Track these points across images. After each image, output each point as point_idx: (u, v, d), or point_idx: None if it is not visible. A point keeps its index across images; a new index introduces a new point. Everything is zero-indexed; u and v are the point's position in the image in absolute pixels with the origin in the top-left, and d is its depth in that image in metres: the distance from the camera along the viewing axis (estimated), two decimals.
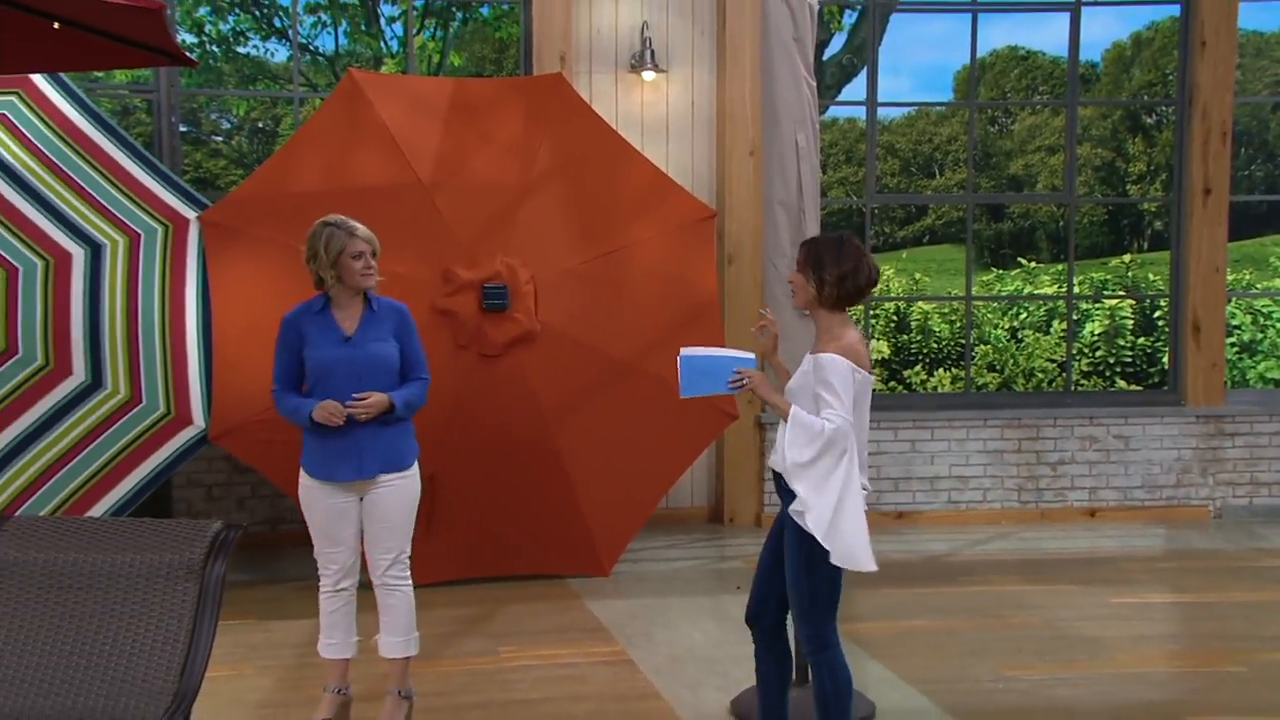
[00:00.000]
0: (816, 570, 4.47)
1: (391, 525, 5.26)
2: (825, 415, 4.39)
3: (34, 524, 4.03)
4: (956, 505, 9.70)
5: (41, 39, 4.51)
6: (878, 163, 10.16)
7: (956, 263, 16.53)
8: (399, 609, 5.32)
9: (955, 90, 14.30)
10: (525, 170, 7.82)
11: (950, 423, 9.72)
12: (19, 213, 7.03)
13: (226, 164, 11.40)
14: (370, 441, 5.16)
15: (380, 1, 10.84)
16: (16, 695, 3.70)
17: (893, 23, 11.15)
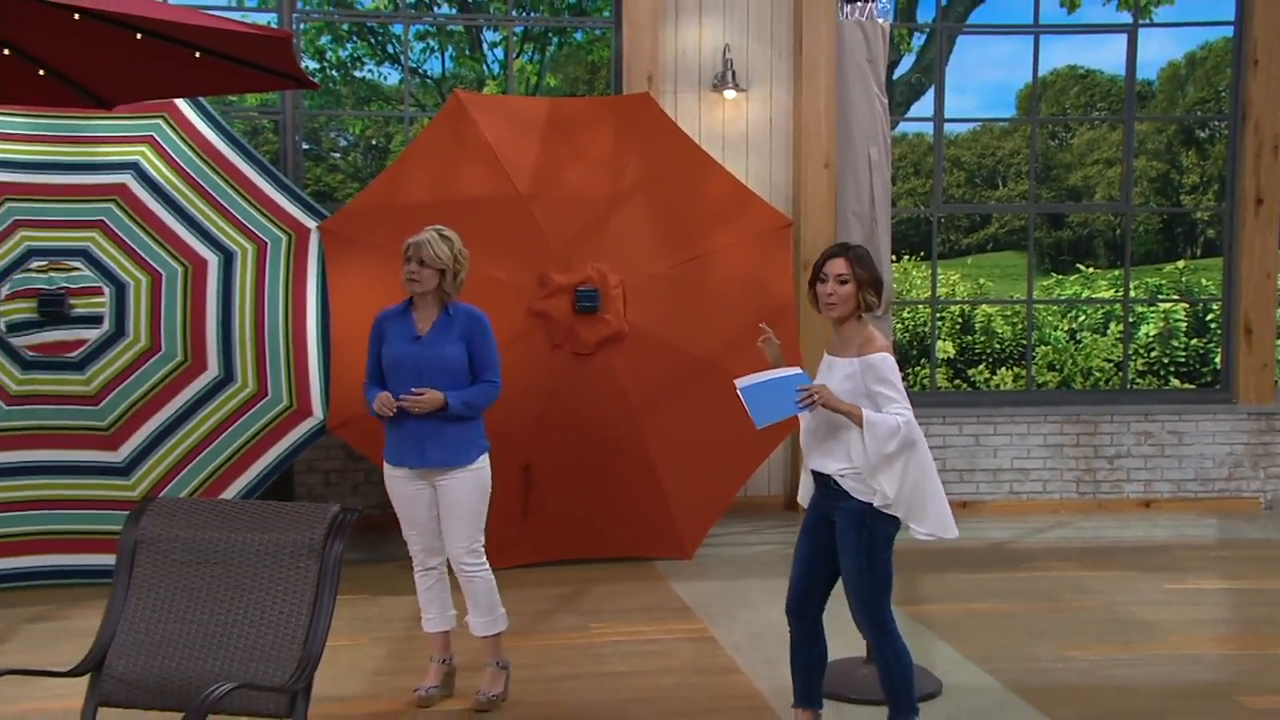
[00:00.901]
0: (876, 563, 4.45)
1: (459, 516, 5.24)
2: (894, 411, 4.36)
3: (176, 504, 4.10)
4: (1018, 496, 9.62)
5: (185, 67, 4.60)
6: (944, 175, 10.09)
7: (1018, 268, 16.33)
8: (479, 592, 5.30)
9: (1018, 107, 14.14)
10: (615, 182, 7.85)
11: (1012, 418, 9.63)
12: (162, 223, 7.18)
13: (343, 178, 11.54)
14: (432, 435, 5.16)
15: (483, 28, 10.90)
16: (162, 657, 3.79)
17: (959, 44, 11.07)
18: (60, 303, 6.92)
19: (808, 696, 4.76)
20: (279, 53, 4.54)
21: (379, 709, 5.25)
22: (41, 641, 6.17)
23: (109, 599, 3.89)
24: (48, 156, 7.24)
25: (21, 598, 6.85)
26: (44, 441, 6.92)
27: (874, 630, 4.52)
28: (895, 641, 4.52)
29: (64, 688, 3.82)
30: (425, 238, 5.19)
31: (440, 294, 5.23)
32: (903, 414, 4.36)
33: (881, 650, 4.54)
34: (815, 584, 4.68)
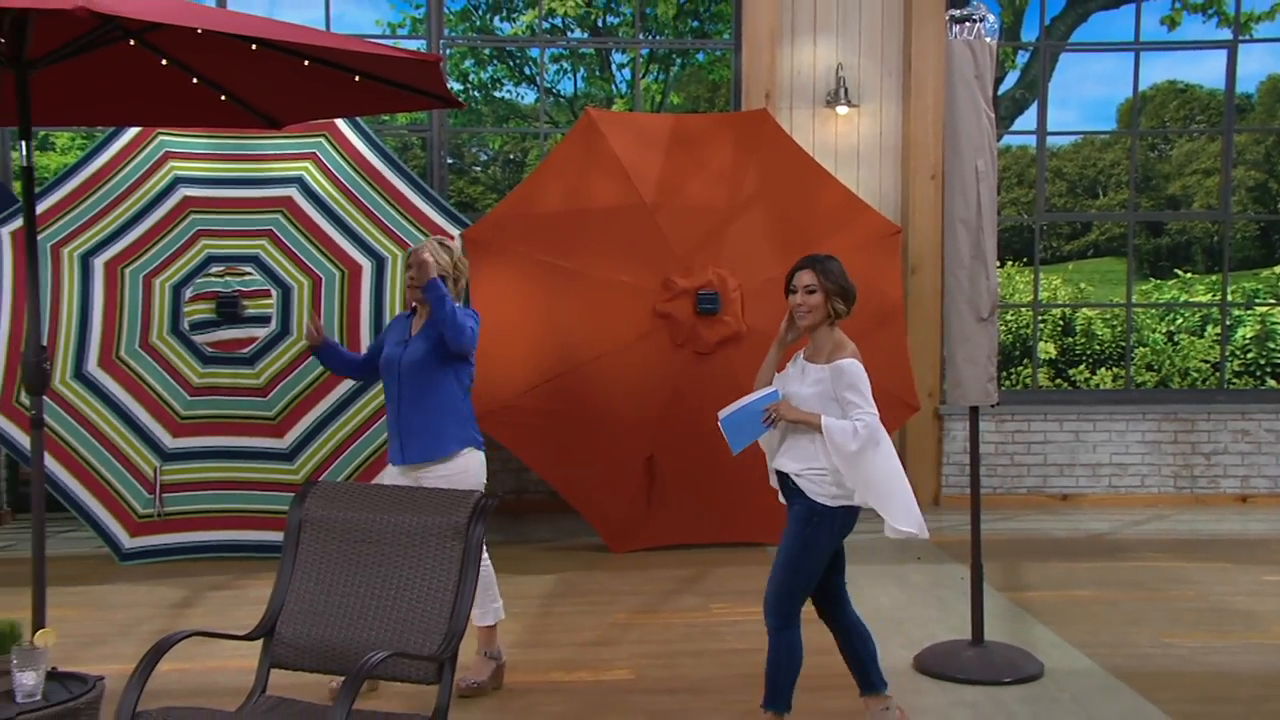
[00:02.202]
0: (806, 561, 4.39)
1: None
2: (856, 416, 4.30)
3: (335, 488, 4.19)
4: (1116, 490, 9.40)
5: (346, 89, 4.70)
6: (1046, 185, 9.90)
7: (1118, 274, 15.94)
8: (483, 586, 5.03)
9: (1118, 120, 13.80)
10: (734, 193, 7.84)
11: (1111, 415, 9.42)
12: (323, 232, 7.34)
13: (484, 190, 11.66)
14: (409, 430, 4.99)
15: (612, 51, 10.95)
16: (325, 626, 3.87)
17: (1062, 62, 10.84)
18: (235, 304, 7.12)
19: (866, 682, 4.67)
20: (430, 75, 4.61)
21: (516, 679, 5.30)
22: (220, 607, 6.35)
23: (278, 572, 3.99)
24: (225, 173, 7.45)
25: (203, 568, 7.07)
26: (221, 429, 7.12)
27: (779, 620, 4.42)
28: (794, 636, 4.44)
29: (241, 649, 3.92)
30: (429, 248, 5.02)
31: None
32: (864, 418, 4.29)
33: (778, 643, 4.43)
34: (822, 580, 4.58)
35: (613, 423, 7.43)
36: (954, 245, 5.41)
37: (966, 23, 5.29)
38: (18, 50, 4.15)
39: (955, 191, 5.41)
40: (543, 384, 7.41)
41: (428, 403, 4.99)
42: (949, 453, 9.31)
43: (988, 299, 5.34)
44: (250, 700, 3.83)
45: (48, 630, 3.86)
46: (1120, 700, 5.04)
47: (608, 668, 5.46)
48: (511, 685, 5.21)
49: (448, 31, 9.47)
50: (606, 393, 7.43)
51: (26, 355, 4.31)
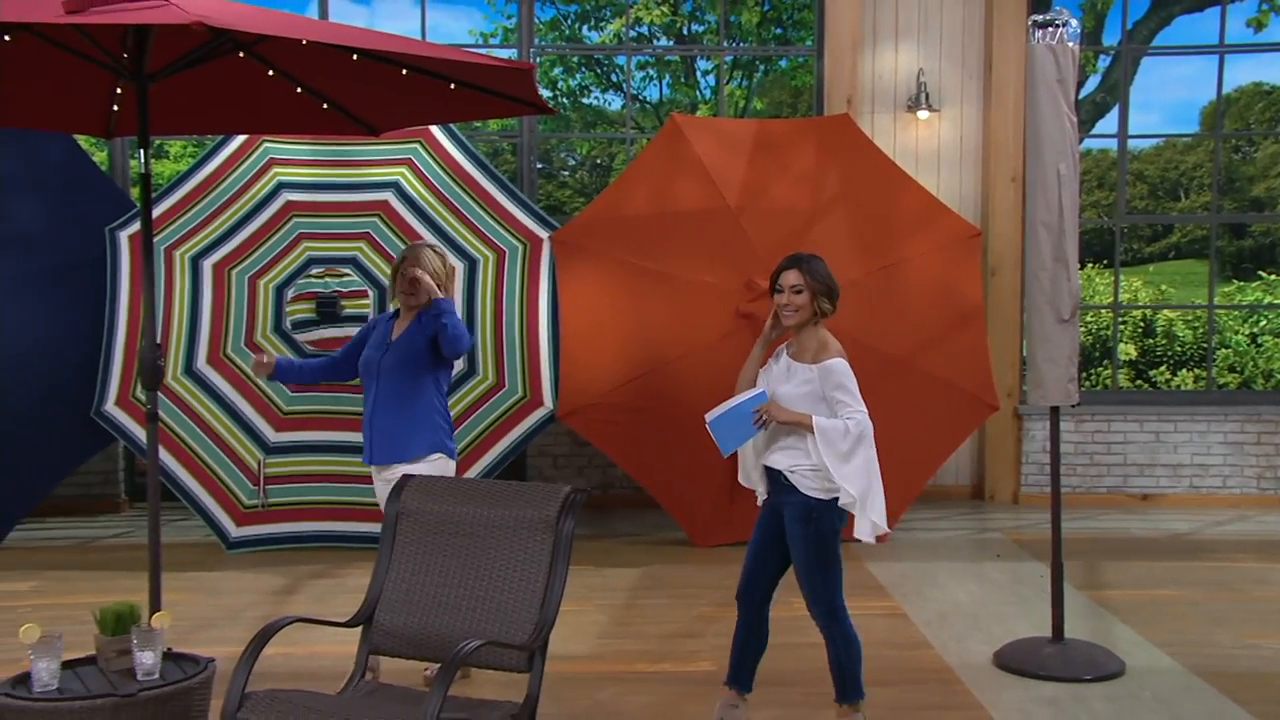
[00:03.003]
0: (824, 554, 4.35)
1: None
2: (846, 415, 4.28)
3: (431, 482, 4.24)
4: (1197, 490, 9.21)
5: (441, 97, 4.76)
6: (1127, 188, 9.73)
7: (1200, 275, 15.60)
8: None
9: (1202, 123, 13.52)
10: (816, 196, 7.81)
11: (1192, 416, 9.23)
12: (418, 235, 7.42)
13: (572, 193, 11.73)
14: (378, 430, 4.93)
15: (697, 58, 10.96)
16: (420, 614, 3.93)
17: (1144, 65, 10.64)
18: (334, 304, 7.24)
19: (737, 677, 4.64)
20: (522, 83, 4.65)
21: (603, 669, 5.34)
22: (320, 595, 6.47)
23: (376, 562, 4.06)
24: (325, 178, 7.58)
25: (303, 557, 7.19)
26: (319, 424, 7.25)
27: (826, 617, 4.40)
28: (846, 628, 4.42)
29: (342, 635, 3.99)
30: (425, 252, 4.96)
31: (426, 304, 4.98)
32: (855, 416, 4.27)
33: (832, 636, 4.42)
34: (762, 573, 4.56)
35: (697, 420, 7.36)
36: (1035, 247, 5.34)
37: (1049, 28, 5.23)
38: (138, 64, 4.27)
39: (1037, 194, 5.35)
40: (629, 382, 7.43)
41: (403, 408, 4.92)
42: (1028, 452, 9.19)
43: (1069, 300, 5.27)
44: (350, 684, 3.90)
45: (164, 613, 3.97)
46: (1204, 700, 4.94)
47: (692, 659, 5.48)
48: (598, 675, 5.25)
49: (538, 40, 9.55)
50: (691, 390, 7.42)
51: (142, 352, 4.43)
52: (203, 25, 3.46)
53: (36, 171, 7.76)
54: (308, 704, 3.55)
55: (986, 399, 7.86)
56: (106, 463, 8.77)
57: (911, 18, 9.12)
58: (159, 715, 3.61)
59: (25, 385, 7.43)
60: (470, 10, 11.05)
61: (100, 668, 3.81)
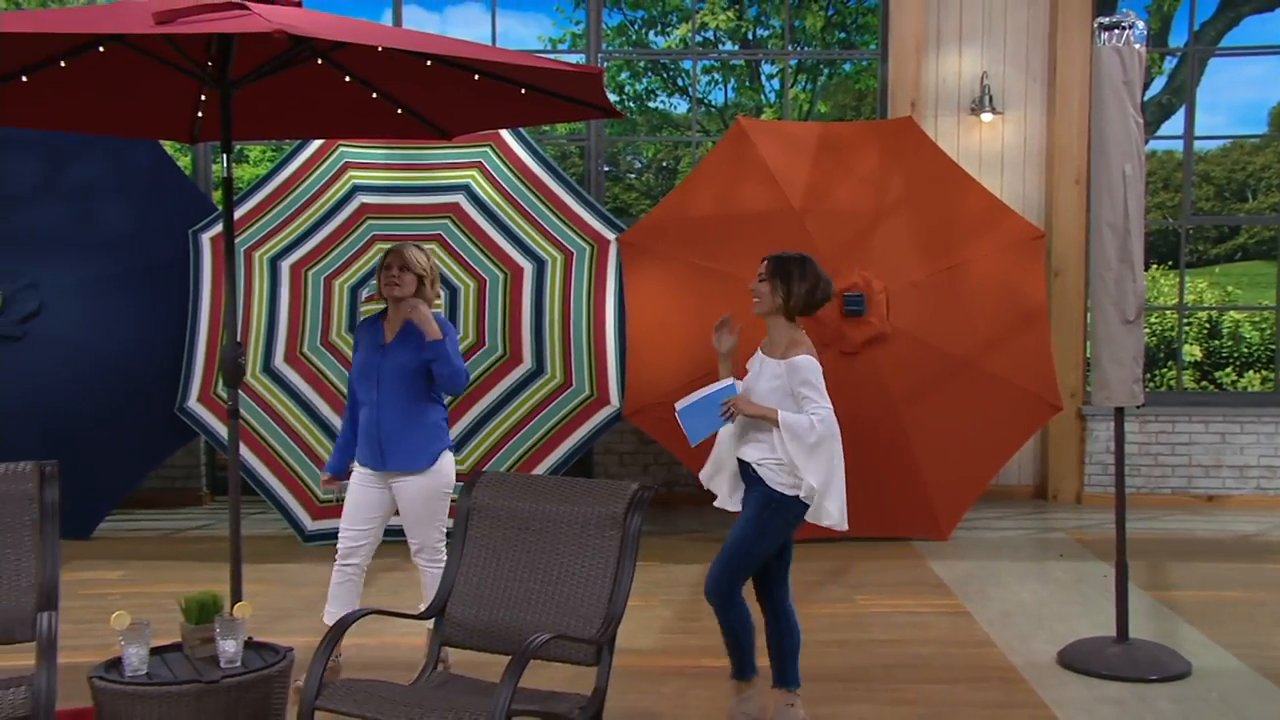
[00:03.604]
0: (759, 544, 4.33)
1: (418, 519, 4.83)
2: (811, 410, 4.28)
3: (501, 478, 4.27)
4: (1264, 491, 9.02)
5: (512, 101, 4.78)
6: (1193, 189, 9.56)
7: (1267, 277, 15.25)
8: (431, 585, 4.79)
9: (1270, 124, 13.19)
10: (880, 198, 7.75)
11: (1259, 418, 9.05)
12: (487, 236, 7.48)
13: (638, 196, 11.73)
14: (391, 438, 4.75)
15: (761, 62, 10.93)
16: (491, 608, 3.96)
17: (1211, 66, 10.43)
18: None
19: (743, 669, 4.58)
20: (591, 87, 4.65)
21: (668, 663, 5.34)
22: (393, 587, 6.52)
23: (448, 556, 4.09)
24: (399, 181, 7.65)
25: (378, 550, 7.18)
26: None
27: (722, 600, 4.39)
28: (742, 610, 4.43)
29: (415, 627, 4.04)
30: (410, 247, 4.81)
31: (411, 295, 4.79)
32: (819, 412, 4.28)
33: (729, 620, 4.42)
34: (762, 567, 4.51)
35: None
36: (1100, 249, 5.26)
37: (1115, 30, 5.15)
38: (222, 72, 4.33)
39: (1102, 196, 5.27)
40: (693, 381, 7.38)
41: (410, 412, 4.77)
42: (1091, 452, 9.06)
43: (1134, 301, 5.19)
44: (423, 675, 3.93)
45: (245, 603, 4.02)
46: (1273, 702, 4.83)
47: (756, 655, 5.45)
48: (663, 669, 5.24)
49: (605, 45, 9.57)
50: None
51: (224, 351, 4.49)
52: (284, 33, 3.51)
53: (124, 177, 7.91)
54: (382, 693, 3.59)
55: (1050, 399, 7.76)
56: (189, 457, 8.92)
57: (975, 21, 9.03)
58: (240, 702, 3.66)
59: (113, 383, 7.58)
60: (539, 16, 11.08)
61: (185, 654, 3.87)
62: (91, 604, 6.13)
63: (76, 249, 7.73)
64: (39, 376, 7.47)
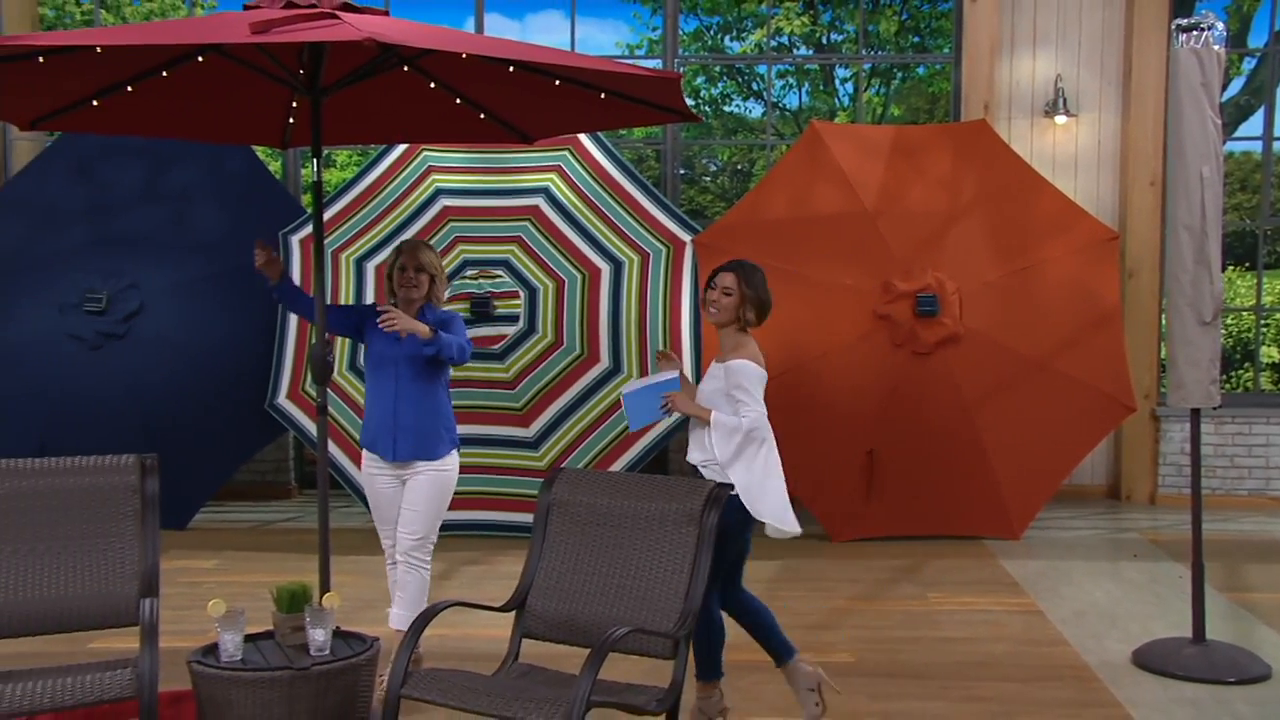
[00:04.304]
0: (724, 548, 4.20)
1: (418, 511, 4.76)
2: (742, 413, 4.29)
3: (579, 474, 4.28)
4: None
5: (591, 106, 4.79)
6: (1272, 190, 9.32)
7: None
8: (412, 585, 4.77)
9: None
10: (953, 200, 7.67)
11: None
12: (566, 238, 7.50)
13: (713, 198, 11.69)
14: (405, 428, 4.71)
15: (835, 66, 10.85)
16: (570, 601, 3.97)
17: None
18: (487, 304, 7.34)
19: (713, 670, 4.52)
20: (670, 92, 4.64)
21: (743, 658, 5.28)
22: (473, 581, 6.57)
23: (529, 550, 4.10)
24: (480, 184, 7.70)
25: (458, 544, 7.28)
26: (474, 418, 7.35)
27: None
28: (714, 614, 4.40)
29: (495, 620, 4.04)
30: (423, 249, 4.82)
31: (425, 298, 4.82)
32: (749, 415, 4.29)
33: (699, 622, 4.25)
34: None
35: (834, 418, 7.36)
36: (1177, 250, 5.15)
37: (1194, 31, 5.04)
38: (313, 79, 4.39)
39: (1178, 197, 5.15)
40: (768, 380, 7.37)
41: (425, 403, 4.75)
42: (1165, 453, 8.88)
43: (1211, 303, 5.07)
44: (504, 666, 3.95)
45: (333, 593, 4.08)
46: None
47: (829, 651, 5.41)
48: (738, 663, 5.21)
49: (681, 51, 9.55)
50: (828, 389, 7.37)
51: (313, 349, 4.54)
52: (374, 42, 3.54)
53: (219, 181, 8.06)
54: (465, 683, 3.61)
55: (1123, 400, 7.62)
56: (278, 452, 9.06)
57: (1050, 25, 8.89)
58: (329, 689, 3.71)
59: (207, 379, 7.72)
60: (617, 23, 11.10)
61: (277, 642, 3.93)
62: (187, 591, 6.25)
63: (174, 251, 7.89)
64: (140, 373, 7.63)
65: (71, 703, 3.64)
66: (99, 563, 4.13)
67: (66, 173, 8.11)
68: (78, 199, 8.04)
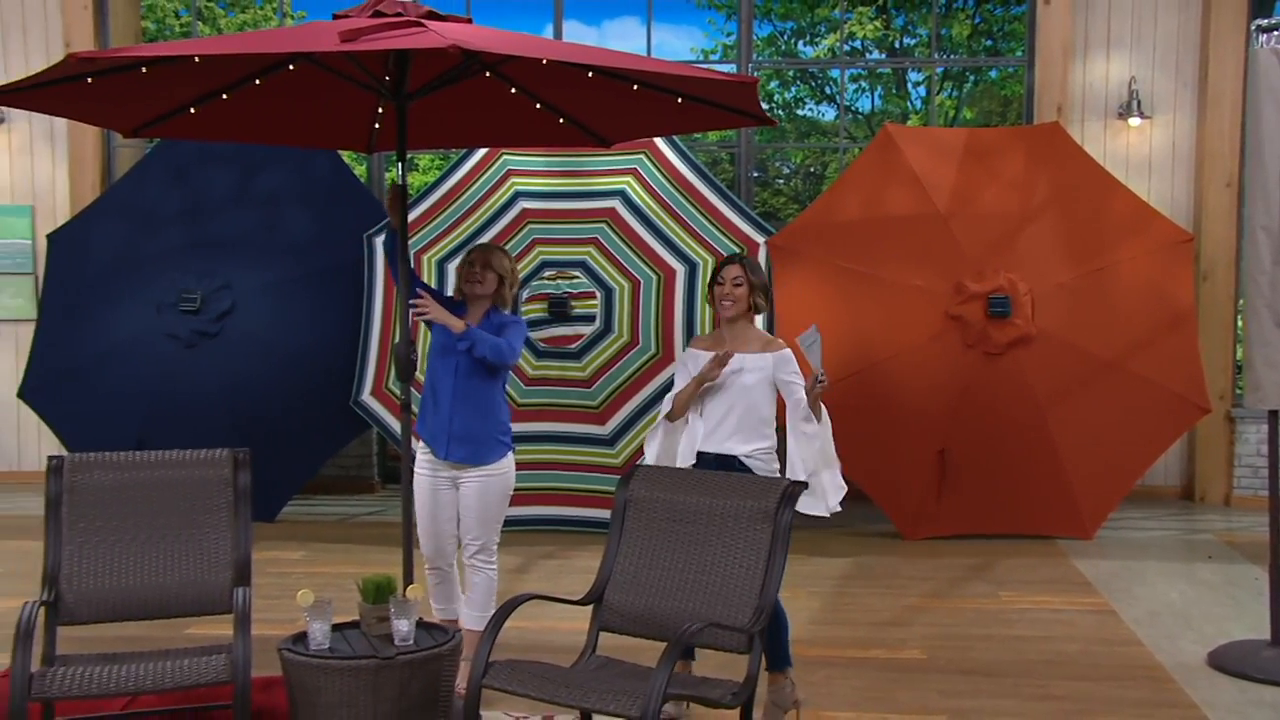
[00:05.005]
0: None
1: (477, 516, 4.66)
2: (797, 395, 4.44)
3: (656, 471, 4.26)
4: None
5: (668, 110, 4.77)
6: None
7: None
8: (479, 586, 4.71)
9: None
10: (1025, 202, 7.54)
11: None
12: (641, 239, 7.49)
13: (786, 200, 11.65)
14: (458, 433, 4.61)
15: (908, 70, 10.74)
16: (647, 595, 3.95)
17: None
18: (564, 304, 7.36)
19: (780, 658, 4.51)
20: (746, 96, 4.61)
21: (815, 653, 5.27)
22: (551, 574, 6.59)
23: (606, 545, 4.10)
24: (557, 187, 7.72)
25: (535, 539, 7.32)
26: (551, 415, 7.38)
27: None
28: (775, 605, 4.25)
29: (573, 613, 4.05)
30: (494, 247, 4.82)
31: (492, 299, 4.74)
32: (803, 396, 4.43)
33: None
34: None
35: (906, 417, 7.28)
36: (1254, 251, 5.02)
37: (1274, 31, 4.90)
38: (399, 85, 4.42)
39: (1256, 198, 5.02)
40: (840, 380, 7.27)
41: (480, 407, 4.65)
42: (1240, 454, 8.66)
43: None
44: (583, 658, 3.95)
45: (416, 585, 4.10)
46: None
47: (901, 647, 5.36)
48: (811, 658, 5.18)
49: (755, 55, 9.51)
50: (900, 389, 7.29)
51: (397, 348, 4.57)
52: (458, 49, 3.56)
53: (307, 185, 8.16)
54: (544, 674, 3.62)
55: (1198, 401, 7.45)
56: (362, 448, 9.15)
57: (1124, 27, 8.71)
58: (413, 678, 3.73)
59: (295, 377, 7.82)
60: (692, 29, 11.10)
61: (363, 631, 3.96)
62: (276, 581, 6.35)
63: (264, 252, 8.00)
64: (231, 370, 7.76)
65: (171, 685, 3.72)
66: (195, 552, 4.21)
67: (164, 178, 8.27)
68: (174, 203, 8.19)
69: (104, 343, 7.97)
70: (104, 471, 4.23)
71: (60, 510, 4.17)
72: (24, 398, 8.33)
